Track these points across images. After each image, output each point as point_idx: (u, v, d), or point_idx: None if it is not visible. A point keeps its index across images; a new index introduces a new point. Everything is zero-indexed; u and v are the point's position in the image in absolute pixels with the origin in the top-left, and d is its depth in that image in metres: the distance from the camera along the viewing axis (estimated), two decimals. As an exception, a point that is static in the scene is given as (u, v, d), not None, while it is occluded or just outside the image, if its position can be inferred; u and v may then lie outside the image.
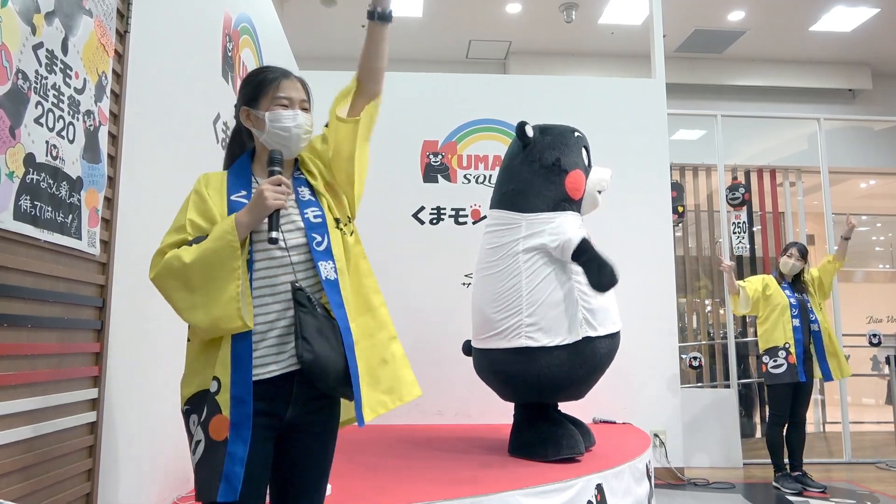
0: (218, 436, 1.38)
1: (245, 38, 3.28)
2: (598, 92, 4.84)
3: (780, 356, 4.28)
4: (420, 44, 7.74)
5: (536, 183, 3.06)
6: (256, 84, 1.61)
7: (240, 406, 1.39)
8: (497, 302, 3.00)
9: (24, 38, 1.51)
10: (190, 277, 1.41)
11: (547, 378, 2.92)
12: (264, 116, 1.57)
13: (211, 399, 1.40)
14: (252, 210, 1.45)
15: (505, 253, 3.03)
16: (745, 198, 6.14)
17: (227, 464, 1.36)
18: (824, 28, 7.13)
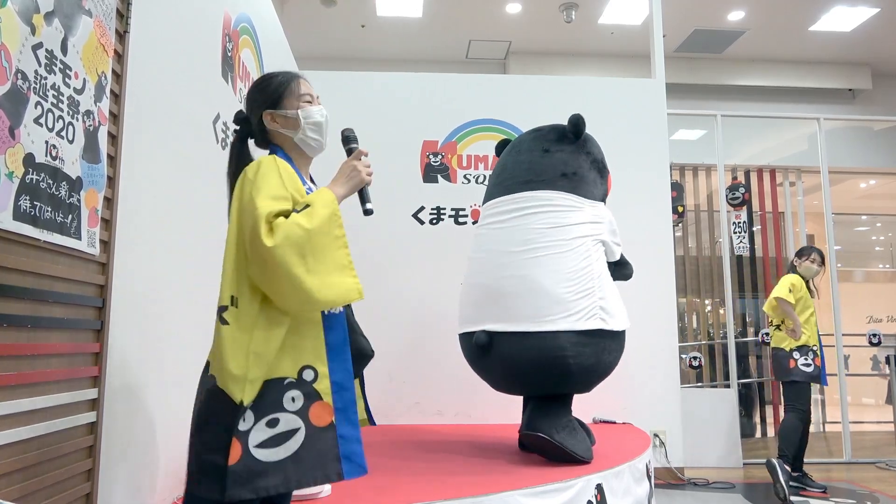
0: (321, 422, 1.41)
1: (245, 38, 3.28)
2: (598, 92, 4.84)
3: (809, 356, 4.33)
4: (420, 44, 7.75)
5: (591, 175, 3.18)
6: (276, 86, 1.65)
7: (343, 392, 1.45)
8: (571, 281, 2.90)
9: (24, 38, 1.51)
10: (309, 244, 1.39)
11: (605, 363, 2.96)
12: (297, 115, 1.62)
13: (307, 387, 1.42)
14: (347, 184, 1.54)
15: (575, 234, 2.99)
16: (745, 198, 6.14)
17: (343, 446, 1.42)
18: (824, 28, 7.14)
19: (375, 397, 4.32)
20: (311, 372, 1.43)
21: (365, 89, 4.68)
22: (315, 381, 1.43)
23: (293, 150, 1.66)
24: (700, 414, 5.03)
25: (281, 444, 1.38)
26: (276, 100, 1.64)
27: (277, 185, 1.45)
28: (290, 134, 1.63)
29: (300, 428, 1.39)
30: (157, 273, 2.17)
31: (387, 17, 7.14)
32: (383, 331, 4.31)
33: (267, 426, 1.38)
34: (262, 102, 1.65)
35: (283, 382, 1.41)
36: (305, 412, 1.40)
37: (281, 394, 1.40)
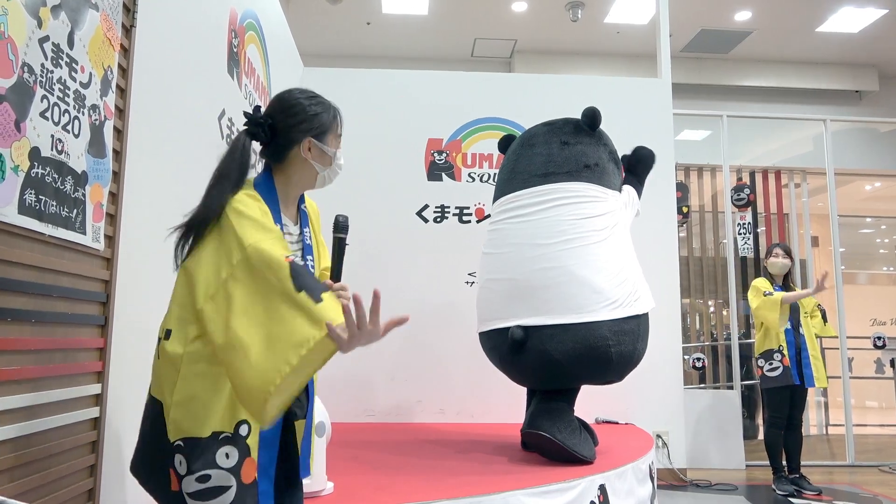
0: (248, 479, 1.38)
1: (251, 34, 3.27)
2: (604, 91, 4.82)
3: (775, 359, 4.29)
4: (425, 42, 7.73)
5: (610, 167, 3.21)
6: (327, 118, 1.59)
7: (268, 449, 1.42)
8: (607, 271, 2.90)
9: (31, 31, 1.50)
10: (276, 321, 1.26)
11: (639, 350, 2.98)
12: (333, 154, 1.60)
13: (241, 443, 1.37)
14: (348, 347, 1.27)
15: (605, 224, 3.01)
16: (750, 199, 6.12)
17: (262, 501, 1.40)
18: (831, 29, 7.11)
19: (378, 396, 4.34)
20: (246, 427, 1.38)
21: (370, 87, 4.67)
22: (248, 436, 1.38)
23: (300, 180, 1.58)
24: (703, 415, 5.01)
25: (211, 498, 1.33)
26: (323, 132, 1.58)
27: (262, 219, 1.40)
28: (318, 168, 1.58)
29: (232, 486, 1.35)
30: (161, 268, 2.17)
31: (392, 14, 7.13)
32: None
33: (197, 481, 1.33)
34: (310, 128, 1.56)
35: (218, 437, 1.35)
36: (238, 469, 1.36)
37: (215, 449, 1.34)
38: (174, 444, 1.34)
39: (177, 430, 1.34)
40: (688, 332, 7.41)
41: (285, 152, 1.56)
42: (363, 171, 4.41)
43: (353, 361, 4.25)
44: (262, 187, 1.52)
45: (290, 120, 1.55)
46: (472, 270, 4.35)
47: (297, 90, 1.61)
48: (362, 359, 4.23)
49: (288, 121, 1.55)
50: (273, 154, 1.57)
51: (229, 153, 1.51)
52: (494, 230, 3.25)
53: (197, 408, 1.34)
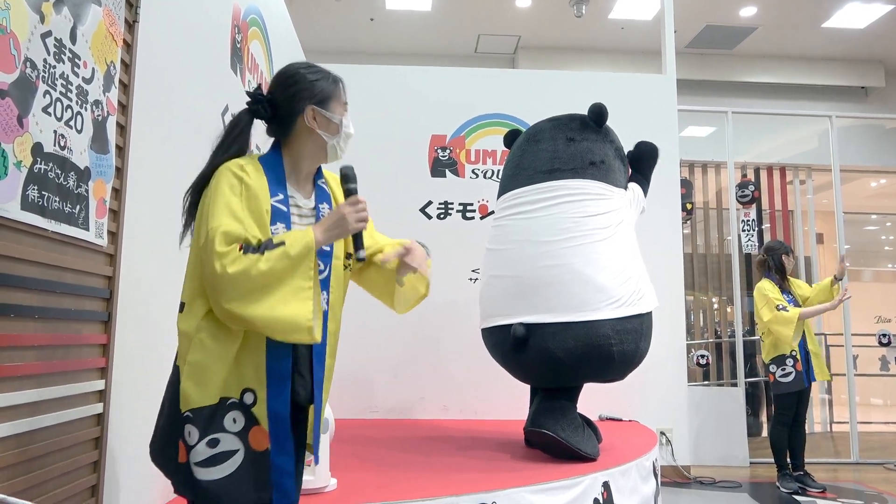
0: (260, 446, 1.41)
1: (254, 29, 3.26)
2: (608, 87, 4.80)
3: (787, 364, 4.27)
4: (428, 38, 7.72)
5: (616, 164, 3.19)
6: (328, 85, 1.57)
7: (278, 421, 1.42)
8: (611, 269, 2.89)
9: (33, 26, 1.50)
10: (265, 288, 1.36)
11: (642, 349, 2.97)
12: (340, 121, 1.57)
13: (246, 411, 1.40)
14: (331, 232, 1.46)
15: (610, 222, 2.99)
16: (755, 195, 6.09)
17: (275, 475, 1.41)
18: (837, 25, 7.07)
19: (381, 392, 4.34)
20: (251, 395, 1.41)
21: (373, 83, 4.65)
22: (254, 405, 1.41)
23: (310, 152, 1.57)
24: (707, 412, 5.00)
25: (218, 463, 1.37)
26: (325, 98, 1.56)
27: (232, 199, 1.41)
28: (325, 138, 1.56)
29: (239, 450, 1.39)
30: (164, 264, 2.17)
31: (396, 10, 7.12)
32: (388, 326, 4.30)
33: (208, 445, 1.37)
34: (311, 96, 1.54)
35: (227, 402, 1.40)
36: (245, 435, 1.40)
37: (224, 413, 1.39)
38: (184, 414, 1.38)
39: (186, 400, 1.38)
40: (692, 329, 7.40)
41: (290, 125, 1.55)
42: (366, 168, 4.37)
43: (356, 358, 4.25)
44: (266, 160, 1.53)
45: (289, 90, 1.55)
46: (476, 267, 4.34)
47: (297, 63, 1.61)
48: (365, 356, 4.24)
49: (288, 91, 1.55)
50: (279, 129, 1.57)
51: (228, 128, 1.54)
52: (498, 226, 3.23)
53: (204, 376, 1.38)
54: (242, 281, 1.33)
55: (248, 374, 1.42)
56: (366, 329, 4.28)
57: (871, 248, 10.96)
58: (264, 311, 1.34)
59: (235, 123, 1.55)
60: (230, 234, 1.36)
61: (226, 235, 1.36)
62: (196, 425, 1.37)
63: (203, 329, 1.40)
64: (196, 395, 1.38)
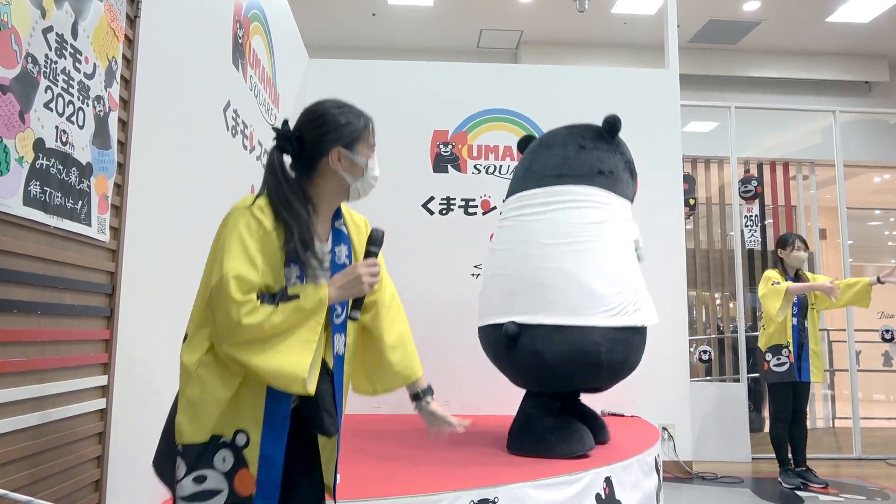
0: (244, 490, 1.37)
1: (255, 25, 3.26)
2: (611, 82, 4.79)
3: (782, 354, 4.28)
4: (431, 33, 7.70)
5: (625, 176, 3.17)
6: (357, 127, 1.54)
7: (269, 467, 1.39)
8: (608, 277, 2.88)
9: (34, 21, 1.49)
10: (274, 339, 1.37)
11: (632, 360, 2.96)
12: (365, 164, 1.54)
13: (237, 452, 1.38)
14: (345, 291, 1.46)
15: (612, 231, 2.98)
16: (758, 191, 6.07)
17: None
18: (841, 19, 7.04)
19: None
20: (243, 437, 1.39)
21: (375, 78, 4.65)
22: (245, 447, 1.39)
23: (330, 191, 1.54)
24: (709, 408, 5.00)
25: (202, 501, 1.36)
26: (353, 141, 1.53)
27: (250, 244, 1.39)
28: (349, 180, 1.53)
29: (223, 491, 1.36)
30: (167, 260, 2.17)
31: (398, 5, 7.10)
32: (392, 321, 4.30)
33: (194, 481, 1.35)
34: (338, 138, 1.51)
35: (219, 440, 1.38)
36: (231, 476, 1.37)
37: (215, 451, 1.37)
38: (177, 447, 1.38)
39: (179, 434, 1.37)
40: (694, 325, 7.39)
41: (315, 164, 1.52)
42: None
43: (358, 353, 4.26)
44: None
45: (318, 130, 1.51)
46: (478, 263, 4.34)
47: (328, 100, 1.57)
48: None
49: (316, 131, 1.51)
50: (303, 167, 1.53)
51: (272, 179, 1.49)
52: (503, 227, 3.25)
53: (198, 412, 1.37)
54: (255, 332, 1.34)
55: (245, 414, 1.40)
56: (368, 325, 4.28)
57: (875, 244, 10.93)
58: (265, 361, 1.34)
59: (270, 166, 1.51)
60: (245, 281, 1.35)
61: (240, 281, 1.34)
62: (185, 460, 1.36)
63: (204, 365, 1.39)
64: (189, 430, 1.37)
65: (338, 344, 1.54)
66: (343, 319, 1.54)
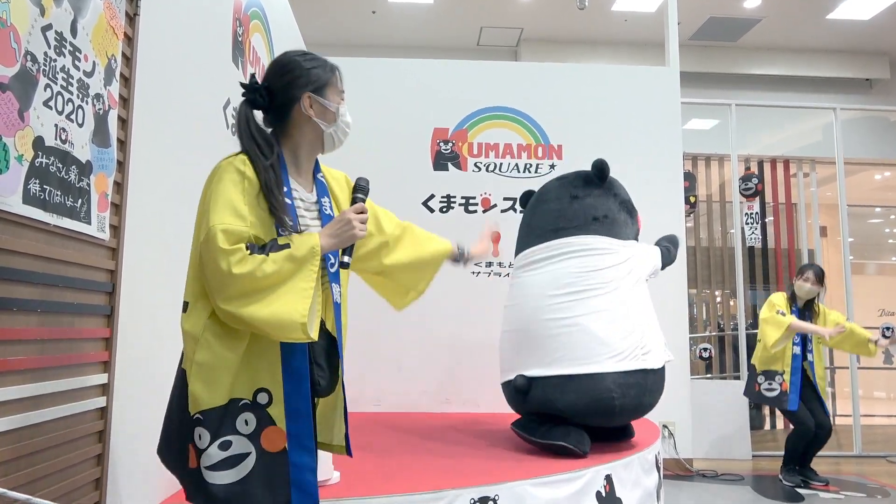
0: (273, 447, 1.37)
1: (255, 22, 3.25)
2: (611, 80, 4.78)
3: (775, 381, 4.26)
4: (431, 31, 7.69)
5: (622, 217, 3.20)
6: (325, 72, 1.55)
7: (298, 419, 1.40)
8: (612, 322, 2.92)
9: (33, 19, 1.49)
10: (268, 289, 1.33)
11: (646, 403, 2.98)
12: (337, 109, 1.54)
13: (259, 412, 1.37)
14: (336, 238, 1.44)
15: (612, 276, 3.01)
16: (758, 188, 6.07)
17: (294, 473, 1.37)
18: (842, 16, 7.03)
19: (384, 386, 4.34)
20: (265, 395, 1.38)
21: (375, 76, 4.64)
22: (269, 405, 1.38)
23: (308, 143, 1.56)
24: (709, 406, 5.00)
25: (231, 467, 1.34)
26: (321, 86, 1.54)
27: (235, 196, 1.38)
28: (322, 126, 1.53)
29: (251, 452, 1.35)
30: (167, 258, 2.17)
31: (397, 3, 7.09)
32: (392, 320, 4.30)
33: (219, 448, 1.34)
34: (307, 83, 1.52)
35: (238, 403, 1.36)
36: (257, 436, 1.36)
37: (235, 415, 1.36)
38: (194, 417, 1.35)
39: (195, 402, 1.35)
40: (695, 323, 7.39)
41: (286, 113, 1.53)
42: (369, 161, 4.38)
43: (359, 352, 4.25)
44: None
45: (286, 78, 1.53)
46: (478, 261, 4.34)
47: (292, 51, 1.60)
48: (369, 350, 4.24)
49: (284, 79, 1.53)
50: (275, 119, 1.55)
51: (240, 131, 1.51)
52: (512, 284, 3.34)
53: (213, 376, 1.35)
54: (247, 282, 1.31)
55: (262, 373, 1.38)
56: (369, 323, 4.28)
57: (875, 241, 10.92)
58: (260, 310, 1.31)
59: (240, 122, 1.52)
60: (232, 233, 1.33)
61: (228, 234, 1.32)
62: (207, 427, 1.34)
63: (209, 328, 1.37)
64: (206, 396, 1.34)
65: (335, 293, 1.54)
66: (337, 269, 1.54)
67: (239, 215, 1.36)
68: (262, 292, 1.32)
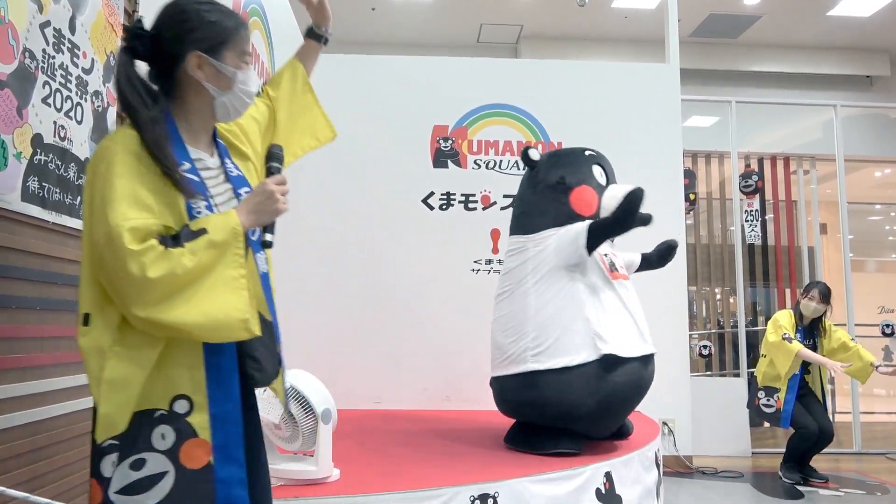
0: (195, 463, 1.18)
1: (254, 19, 3.25)
2: (611, 77, 4.78)
3: (773, 398, 4.29)
4: (430, 28, 7.68)
5: (541, 203, 2.98)
6: (223, 29, 1.29)
7: (225, 426, 1.21)
8: (507, 327, 2.90)
9: (31, 16, 1.49)
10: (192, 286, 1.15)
11: (555, 404, 2.73)
12: (235, 75, 1.29)
13: (179, 421, 1.17)
14: (257, 213, 1.25)
15: (515, 277, 2.94)
16: (759, 186, 6.07)
17: (221, 490, 1.19)
18: (842, 13, 7.01)
19: (384, 383, 4.34)
20: (184, 403, 1.18)
21: (375, 73, 4.63)
22: (189, 413, 1.18)
23: (196, 110, 1.31)
24: (709, 403, 5.00)
25: (146, 489, 1.14)
26: (217, 45, 1.28)
27: (135, 186, 1.15)
28: (213, 92, 1.28)
29: (168, 472, 1.16)
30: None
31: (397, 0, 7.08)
32: (391, 317, 4.31)
33: (131, 468, 1.14)
34: (201, 39, 1.27)
35: (153, 415, 1.17)
36: (175, 452, 1.16)
37: (150, 428, 1.16)
38: (103, 445, 1.15)
39: (107, 427, 1.15)
40: (694, 320, 7.39)
41: (173, 72, 1.28)
42: (368, 159, 4.38)
43: (359, 349, 4.26)
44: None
45: (176, 28, 1.27)
46: (478, 258, 4.34)
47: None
48: (368, 347, 4.24)
49: (174, 29, 1.27)
50: (160, 76, 1.29)
51: (118, 86, 1.25)
52: None
53: (128, 392, 1.15)
54: (166, 283, 1.12)
55: (180, 378, 1.19)
56: (369, 320, 4.28)
57: (876, 239, 10.92)
58: (189, 314, 1.14)
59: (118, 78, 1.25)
60: (139, 229, 1.12)
61: (134, 232, 1.12)
62: (118, 448, 1.15)
63: (118, 340, 1.17)
64: (120, 417, 1.15)
65: (260, 264, 1.34)
66: (258, 235, 1.33)
67: (143, 206, 1.15)
68: (186, 291, 1.14)
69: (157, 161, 1.18)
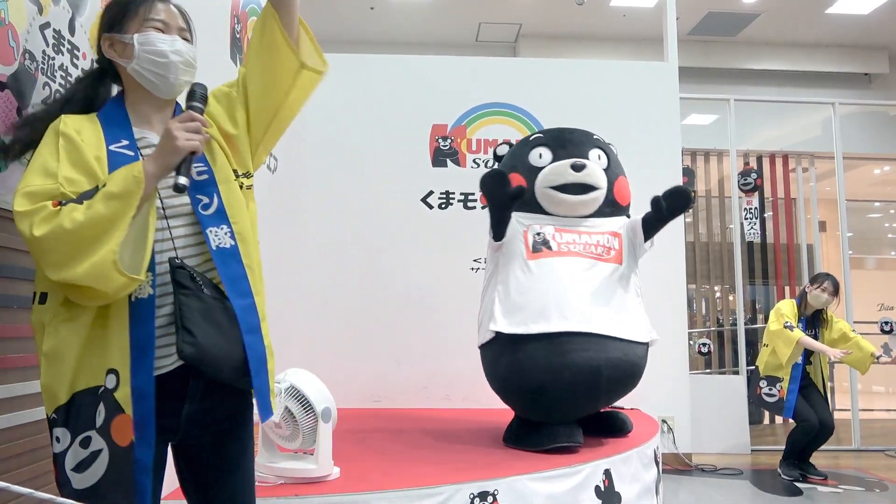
0: (124, 440, 1.16)
1: (254, 19, 3.25)
2: (610, 75, 4.78)
3: (776, 387, 4.30)
4: (429, 27, 7.68)
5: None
6: (122, 5, 1.32)
7: (142, 401, 1.17)
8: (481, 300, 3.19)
9: (31, 17, 1.49)
10: (82, 241, 1.12)
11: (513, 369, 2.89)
12: (132, 40, 1.28)
13: (108, 397, 1.16)
14: (160, 155, 1.20)
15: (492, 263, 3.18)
16: (758, 183, 6.08)
17: (136, 471, 1.16)
18: (841, 10, 7.01)
19: (383, 382, 4.35)
20: (113, 377, 1.16)
21: (374, 72, 4.64)
22: (117, 388, 1.16)
23: (135, 89, 1.34)
24: (708, 400, 5.01)
25: (89, 466, 1.16)
26: (119, 20, 1.31)
27: (48, 159, 1.18)
28: (124, 65, 1.30)
29: (103, 449, 1.16)
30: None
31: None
32: (391, 315, 4.31)
33: (80, 446, 1.15)
34: (105, 24, 1.33)
35: (97, 392, 1.17)
36: (107, 428, 1.16)
37: (94, 407, 1.16)
38: (50, 417, 1.17)
39: (51, 399, 1.17)
40: (694, 318, 7.40)
41: (106, 63, 1.37)
42: (367, 158, 4.39)
43: (359, 347, 4.27)
44: (105, 112, 1.33)
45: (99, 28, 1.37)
46: (477, 257, 4.34)
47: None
48: (368, 345, 4.25)
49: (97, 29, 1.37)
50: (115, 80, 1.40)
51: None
52: None
53: (65, 365, 1.16)
54: (57, 239, 1.10)
55: (113, 351, 1.17)
56: (369, 319, 4.29)
57: (874, 236, 10.92)
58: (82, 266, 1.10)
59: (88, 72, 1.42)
60: (35, 193, 1.13)
61: (30, 195, 1.13)
62: (67, 426, 1.16)
63: (57, 315, 1.19)
64: (61, 389, 1.16)
65: (217, 238, 1.28)
66: (218, 207, 1.29)
67: (48, 174, 1.16)
68: (86, 247, 1.11)
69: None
